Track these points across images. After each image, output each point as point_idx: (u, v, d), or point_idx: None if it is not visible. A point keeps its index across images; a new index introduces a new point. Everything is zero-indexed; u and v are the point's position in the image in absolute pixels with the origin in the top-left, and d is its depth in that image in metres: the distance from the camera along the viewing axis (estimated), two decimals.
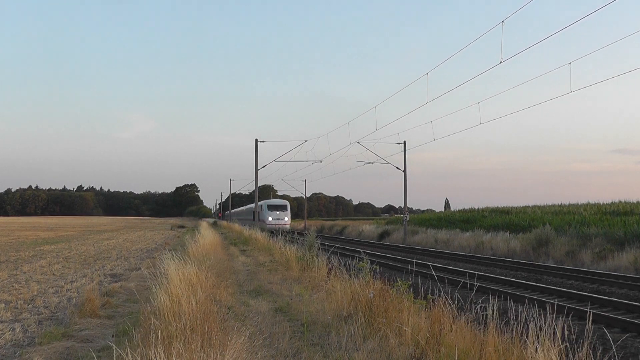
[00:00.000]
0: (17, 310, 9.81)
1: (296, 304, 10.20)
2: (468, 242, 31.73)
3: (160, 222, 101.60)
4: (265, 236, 27.66)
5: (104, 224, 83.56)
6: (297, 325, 8.28)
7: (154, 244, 31.39)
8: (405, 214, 41.27)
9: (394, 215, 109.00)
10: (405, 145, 39.66)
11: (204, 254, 16.18)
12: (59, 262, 19.54)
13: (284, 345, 6.83)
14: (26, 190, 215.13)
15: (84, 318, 8.89)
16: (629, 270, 18.69)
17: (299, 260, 15.50)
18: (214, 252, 19.49)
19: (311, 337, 7.43)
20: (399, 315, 7.12)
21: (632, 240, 21.27)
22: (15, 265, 18.30)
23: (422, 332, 6.25)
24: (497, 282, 16.37)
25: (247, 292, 12.12)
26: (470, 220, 40.12)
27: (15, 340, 7.57)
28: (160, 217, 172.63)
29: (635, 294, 13.98)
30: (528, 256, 25.29)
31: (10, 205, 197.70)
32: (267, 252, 21.73)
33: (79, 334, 7.92)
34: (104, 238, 38.79)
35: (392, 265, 21.66)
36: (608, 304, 12.03)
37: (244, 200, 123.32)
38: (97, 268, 17.50)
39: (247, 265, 18.78)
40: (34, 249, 26.08)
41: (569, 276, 17.49)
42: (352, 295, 8.51)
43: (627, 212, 31.01)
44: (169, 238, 38.87)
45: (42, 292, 12.02)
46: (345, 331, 7.08)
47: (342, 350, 6.51)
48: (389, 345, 6.33)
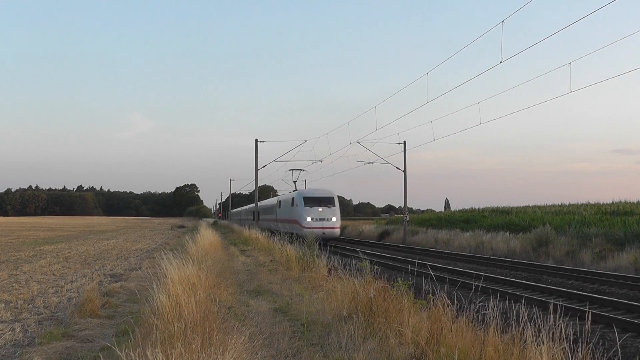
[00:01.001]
0: (17, 310, 9.81)
1: (296, 304, 10.20)
2: (468, 242, 31.72)
3: (160, 222, 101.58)
4: (265, 236, 27.66)
5: (104, 224, 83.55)
6: (297, 325, 8.28)
7: (154, 244, 31.39)
8: (405, 214, 41.26)
9: (394, 215, 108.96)
10: (405, 145, 39.62)
11: (204, 254, 16.20)
12: (59, 262, 19.53)
13: (284, 345, 6.83)
14: (26, 190, 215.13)
15: (84, 318, 8.89)
16: (629, 270, 18.69)
17: (299, 260, 15.50)
18: (214, 252, 19.51)
19: (311, 337, 7.43)
20: (399, 315, 7.12)
21: (632, 240, 21.27)
22: (15, 265, 18.29)
23: (422, 332, 6.25)
24: (497, 282, 16.36)
25: (247, 292, 12.11)
26: (470, 220, 40.10)
27: (15, 340, 7.57)
28: (160, 217, 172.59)
29: (635, 294, 13.98)
30: (528, 256, 25.28)
31: (10, 205, 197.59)
32: (267, 252, 21.72)
33: (79, 334, 7.92)
34: (104, 238, 38.78)
35: (392, 265, 21.65)
36: (608, 304, 12.03)
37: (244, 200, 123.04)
38: (97, 268, 17.50)
39: (247, 265, 18.77)
40: (34, 249, 26.08)
41: (569, 276, 17.49)
42: (352, 295, 8.51)
43: (627, 212, 30.99)
44: (169, 238, 38.86)
45: (42, 292, 12.02)
46: (345, 331, 7.08)
47: (342, 350, 6.51)
48: (389, 345, 6.33)
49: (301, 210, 35.81)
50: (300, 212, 35.83)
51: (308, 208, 35.60)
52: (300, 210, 35.87)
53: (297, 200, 36.75)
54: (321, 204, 36.13)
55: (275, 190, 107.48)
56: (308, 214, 35.42)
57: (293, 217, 37.10)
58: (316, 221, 35.15)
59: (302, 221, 35.37)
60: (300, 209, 35.98)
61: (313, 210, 35.55)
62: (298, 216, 36.06)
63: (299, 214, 35.92)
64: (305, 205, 35.77)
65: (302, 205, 35.87)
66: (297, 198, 37.05)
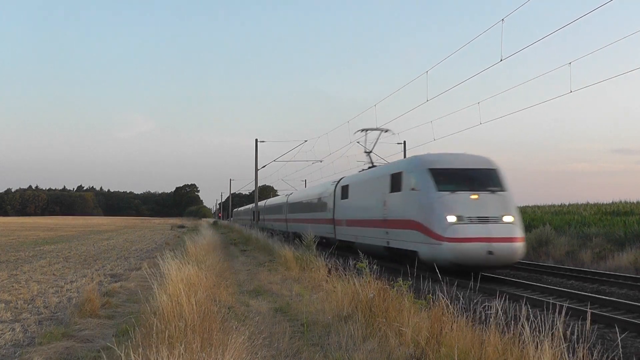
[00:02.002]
0: (17, 310, 9.80)
1: (296, 304, 10.20)
2: None
3: (160, 222, 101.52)
4: (265, 236, 27.66)
5: (104, 224, 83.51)
6: (297, 325, 8.28)
7: (154, 244, 31.38)
8: None
9: None
10: (405, 145, 39.43)
11: (204, 253, 16.18)
12: (59, 262, 19.53)
13: (284, 345, 6.83)
14: (26, 190, 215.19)
15: (84, 318, 8.89)
16: (629, 270, 18.68)
17: (299, 260, 15.50)
18: (214, 252, 19.50)
19: (311, 337, 7.43)
20: (399, 315, 7.12)
21: (632, 240, 21.27)
22: (15, 265, 18.29)
23: (422, 332, 6.25)
24: (497, 282, 16.35)
25: (247, 292, 12.11)
26: None
27: (15, 340, 7.57)
28: (160, 217, 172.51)
29: (635, 294, 13.98)
30: (528, 256, 25.28)
31: (10, 205, 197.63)
32: (267, 252, 21.72)
33: (79, 334, 7.92)
34: (104, 238, 38.77)
35: (393, 265, 21.63)
36: (608, 304, 12.03)
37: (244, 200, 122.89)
38: (97, 268, 17.49)
39: (247, 265, 18.77)
40: (34, 249, 26.07)
41: (569, 276, 17.49)
42: (352, 295, 8.51)
43: (627, 212, 30.98)
44: (169, 238, 38.85)
45: (42, 292, 12.02)
46: (345, 331, 7.09)
47: (342, 350, 6.51)
48: (389, 345, 6.33)
49: (431, 199, 15.78)
50: (431, 204, 15.74)
51: (447, 195, 15.60)
52: (431, 199, 15.81)
53: (417, 177, 16.76)
54: (476, 184, 16.18)
55: (275, 190, 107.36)
56: (452, 207, 15.36)
57: (411, 216, 16.67)
58: (474, 224, 15.20)
59: (437, 225, 15.38)
60: (428, 196, 15.97)
61: (462, 198, 15.54)
62: (426, 213, 15.91)
63: (430, 209, 15.77)
64: (439, 188, 15.82)
65: (432, 186, 15.99)
66: (416, 172, 16.99)
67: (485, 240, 14.92)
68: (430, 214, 15.77)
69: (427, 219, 15.83)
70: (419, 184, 16.63)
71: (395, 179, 18.33)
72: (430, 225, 15.58)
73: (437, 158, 17.32)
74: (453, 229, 15.04)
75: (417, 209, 16.43)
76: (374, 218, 20.00)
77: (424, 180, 16.39)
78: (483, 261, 15.08)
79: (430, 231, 15.55)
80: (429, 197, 15.97)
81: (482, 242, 14.90)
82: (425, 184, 16.27)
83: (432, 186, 16.04)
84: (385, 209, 18.90)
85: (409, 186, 17.21)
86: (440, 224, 15.27)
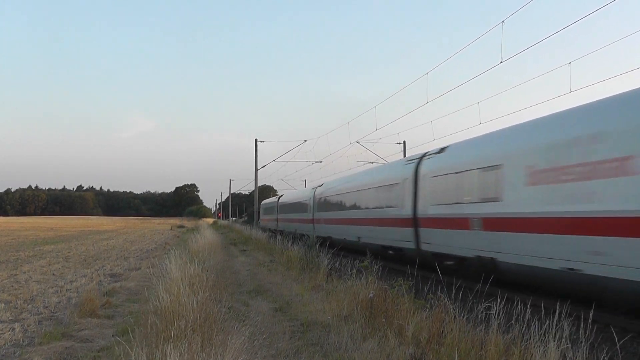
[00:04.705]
0: (16, 310, 9.79)
1: (296, 304, 10.19)
2: None
3: (160, 222, 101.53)
4: (265, 236, 27.65)
5: (103, 224, 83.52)
6: (297, 325, 8.27)
7: (154, 244, 31.37)
8: None
9: None
10: (405, 145, 39.49)
11: (204, 253, 16.17)
12: (58, 262, 19.52)
13: (284, 345, 6.82)
14: (26, 190, 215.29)
15: (84, 318, 8.88)
16: None
17: (299, 260, 15.50)
18: (214, 252, 19.49)
19: (311, 337, 7.42)
20: (399, 315, 7.12)
21: None
22: (15, 265, 18.28)
23: (422, 332, 6.25)
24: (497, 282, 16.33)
25: (247, 292, 12.11)
26: None
27: (15, 340, 7.56)
28: (160, 217, 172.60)
29: None
30: None
31: (10, 205, 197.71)
32: (267, 252, 21.72)
33: (78, 334, 7.91)
34: (104, 238, 38.76)
35: (393, 265, 21.62)
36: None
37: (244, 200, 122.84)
38: (97, 268, 17.48)
39: (247, 265, 18.77)
40: (33, 249, 26.06)
41: None
42: (352, 295, 8.51)
43: None
44: (168, 238, 38.84)
45: (42, 292, 12.01)
46: (345, 331, 7.08)
47: (342, 350, 6.51)
48: (389, 345, 6.32)
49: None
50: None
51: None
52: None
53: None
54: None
55: (275, 190, 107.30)
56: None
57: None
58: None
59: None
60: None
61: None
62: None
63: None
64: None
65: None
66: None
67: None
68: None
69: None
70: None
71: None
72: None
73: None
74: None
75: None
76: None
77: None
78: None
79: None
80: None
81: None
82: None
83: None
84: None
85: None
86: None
